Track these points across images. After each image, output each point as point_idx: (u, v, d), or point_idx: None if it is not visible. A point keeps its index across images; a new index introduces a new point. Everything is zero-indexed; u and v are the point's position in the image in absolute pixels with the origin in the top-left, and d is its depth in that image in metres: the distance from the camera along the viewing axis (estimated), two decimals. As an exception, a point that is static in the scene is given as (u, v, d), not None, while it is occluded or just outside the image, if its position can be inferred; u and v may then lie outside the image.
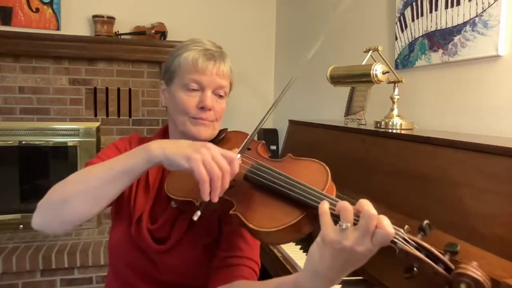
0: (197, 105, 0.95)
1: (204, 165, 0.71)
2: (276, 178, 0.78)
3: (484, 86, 1.40)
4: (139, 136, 1.10)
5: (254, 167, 0.84)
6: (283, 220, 0.71)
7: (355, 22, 2.23)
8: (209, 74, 0.95)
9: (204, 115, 0.96)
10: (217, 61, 0.97)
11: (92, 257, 2.42)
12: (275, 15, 3.42)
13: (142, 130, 3.03)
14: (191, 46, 0.98)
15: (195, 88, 0.96)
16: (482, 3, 1.35)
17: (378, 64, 1.40)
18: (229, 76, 1.01)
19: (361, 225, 0.60)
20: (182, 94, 0.96)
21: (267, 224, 0.72)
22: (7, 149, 2.74)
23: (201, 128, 0.96)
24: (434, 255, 0.60)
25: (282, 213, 0.73)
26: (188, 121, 0.96)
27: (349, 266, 0.63)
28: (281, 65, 3.33)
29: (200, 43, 0.99)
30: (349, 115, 1.73)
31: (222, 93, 0.99)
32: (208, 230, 0.96)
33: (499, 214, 0.87)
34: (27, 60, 2.77)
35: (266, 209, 0.76)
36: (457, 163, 1.01)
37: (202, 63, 0.95)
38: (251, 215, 0.75)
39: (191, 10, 3.17)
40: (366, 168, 1.35)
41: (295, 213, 0.72)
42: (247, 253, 0.92)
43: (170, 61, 1.01)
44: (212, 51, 0.98)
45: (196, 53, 0.96)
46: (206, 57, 0.96)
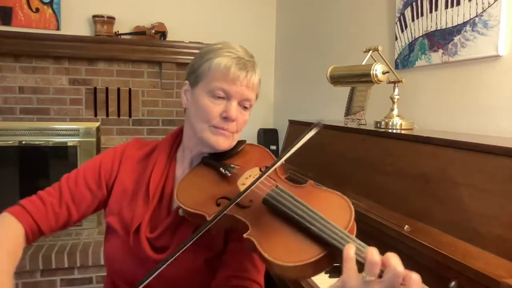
0: (221, 114, 0.91)
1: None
2: (297, 208, 0.73)
3: (484, 86, 1.40)
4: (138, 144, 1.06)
5: (275, 191, 0.78)
6: (302, 256, 0.66)
7: (355, 22, 2.23)
8: (239, 84, 0.91)
9: (226, 125, 0.91)
10: (249, 72, 0.92)
11: (92, 257, 2.42)
12: (275, 15, 3.42)
13: (142, 130, 3.03)
14: (224, 52, 0.92)
15: (221, 96, 0.91)
16: (482, 3, 1.35)
17: (378, 64, 1.40)
18: (258, 88, 0.97)
19: (387, 281, 0.58)
20: (207, 101, 0.91)
21: (284, 258, 0.66)
22: (7, 149, 2.74)
23: (220, 138, 0.92)
24: None
25: (300, 248, 0.68)
26: (208, 129, 0.92)
27: None
28: (281, 65, 3.33)
29: (233, 49, 0.94)
30: (349, 115, 1.73)
31: (247, 105, 0.95)
32: (212, 244, 0.93)
33: (499, 214, 0.87)
34: (27, 60, 2.77)
35: (284, 240, 0.70)
36: (457, 163, 1.01)
37: (234, 72, 0.90)
38: (267, 244, 0.70)
39: (191, 10, 3.18)
40: (366, 168, 1.35)
41: (315, 250, 0.66)
42: (252, 275, 0.89)
43: (198, 63, 0.95)
44: (245, 60, 0.93)
45: (229, 60, 0.91)
46: (239, 66, 0.91)
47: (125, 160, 1.01)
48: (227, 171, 0.91)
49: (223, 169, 0.92)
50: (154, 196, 0.95)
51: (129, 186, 0.98)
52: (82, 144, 2.83)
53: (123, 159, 1.01)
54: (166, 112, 3.07)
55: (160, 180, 0.97)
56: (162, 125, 3.07)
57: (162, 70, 2.99)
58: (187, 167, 1.00)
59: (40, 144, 2.79)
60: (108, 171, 0.99)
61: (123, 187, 0.98)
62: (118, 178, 0.99)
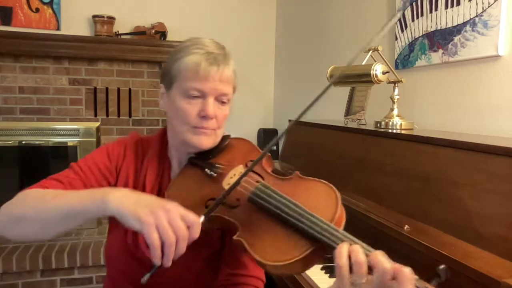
0: (199, 114, 0.90)
1: (157, 229, 0.66)
2: (283, 205, 0.73)
3: (484, 86, 1.40)
4: (137, 137, 1.05)
5: (259, 189, 0.79)
6: (291, 254, 0.67)
7: (355, 22, 2.23)
8: (211, 80, 0.89)
9: (206, 124, 0.90)
10: (221, 65, 0.90)
11: (92, 257, 2.42)
12: (275, 15, 3.42)
13: (142, 130, 3.03)
14: (192, 49, 0.91)
15: (196, 95, 0.89)
16: (482, 3, 1.35)
17: (378, 64, 1.40)
18: (233, 80, 0.94)
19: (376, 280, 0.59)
20: (183, 102, 0.90)
21: (274, 257, 0.68)
22: (7, 149, 2.74)
23: (202, 137, 0.91)
24: None
25: (288, 245, 0.69)
26: (188, 131, 0.91)
27: None
28: (281, 65, 3.33)
29: (202, 45, 0.92)
30: (349, 115, 1.73)
31: (225, 99, 0.92)
32: (209, 242, 0.93)
33: (499, 214, 0.87)
34: (27, 60, 2.77)
35: (272, 239, 0.71)
36: (457, 163, 1.01)
37: (204, 68, 0.88)
38: (257, 245, 0.71)
39: (191, 10, 3.18)
40: (366, 168, 1.35)
41: (303, 246, 0.68)
42: (252, 271, 0.90)
43: (169, 64, 0.94)
44: (215, 54, 0.90)
45: (198, 57, 0.89)
46: (209, 61, 0.89)
47: (128, 151, 1.00)
48: (212, 172, 0.91)
49: (209, 169, 0.92)
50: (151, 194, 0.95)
51: (131, 177, 0.98)
52: (82, 144, 2.83)
53: (126, 150, 1.00)
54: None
55: (155, 181, 0.97)
56: (162, 125, 3.07)
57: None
58: (176, 167, 1.00)
59: (40, 144, 2.79)
60: (115, 158, 0.99)
61: (126, 176, 0.98)
62: (123, 166, 0.98)
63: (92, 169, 0.95)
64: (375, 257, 0.60)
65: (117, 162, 0.98)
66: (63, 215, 0.77)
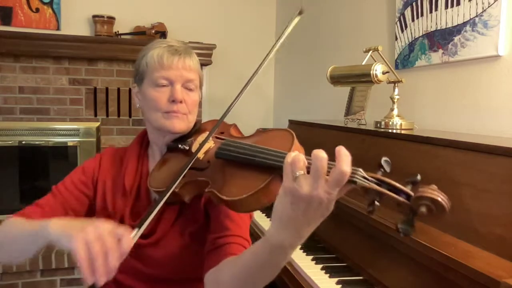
0: (168, 99, 0.97)
1: (85, 244, 0.67)
2: (241, 149, 0.81)
3: (484, 86, 1.40)
4: (112, 150, 1.13)
5: (223, 143, 0.87)
6: (253, 186, 0.73)
7: (355, 22, 2.23)
8: (175, 68, 0.97)
9: (176, 107, 0.97)
10: (182, 55, 0.98)
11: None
12: (275, 15, 3.42)
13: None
14: (155, 44, 1.00)
15: (164, 84, 0.97)
16: (482, 3, 1.35)
17: (378, 64, 1.40)
18: (197, 69, 1.02)
19: (312, 169, 0.60)
20: (153, 91, 0.98)
21: (239, 193, 0.74)
22: (7, 149, 2.74)
23: (174, 121, 0.97)
24: (394, 187, 0.62)
25: (251, 179, 0.75)
26: (161, 116, 0.98)
27: (312, 213, 0.62)
28: (281, 65, 3.33)
29: (165, 42, 1.01)
30: (349, 115, 1.73)
31: (192, 86, 1.00)
32: (194, 218, 0.98)
33: (499, 214, 0.87)
34: (27, 60, 2.76)
35: (237, 180, 0.79)
36: (457, 163, 1.02)
37: (167, 58, 0.97)
38: (224, 189, 0.78)
39: (191, 10, 3.17)
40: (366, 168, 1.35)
41: (264, 176, 0.74)
42: (234, 231, 0.93)
43: (138, 63, 1.03)
44: (176, 46, 0.99)
45: (160, 50, 0.98)
46: (171, 52, 0.97)
47: (103, 161, 1.09)
48: (184, 146, 1.00)
49: (181, 145, 1.00)
50: (131, 191, 1.02)
51: (109, 184, 1.05)
52: (82, 144, 2.83)
53: (102, 161, 1.09)
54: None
55: (134, 177, 1.04)
56: (162, 125, 3.07)
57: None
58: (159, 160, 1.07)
59: (40, 144, 2.79)
60: (90, 171, 1.07)
61: (104, 186, 1.05)
62: (99, 176, 1.07)
63: (70, 189, 1.04)
64: (314, 151, 0.62)
65: (92, 176, 1.06)
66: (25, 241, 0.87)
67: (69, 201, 1.02)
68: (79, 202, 1.04)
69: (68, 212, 1.01)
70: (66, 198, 1.02)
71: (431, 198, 0.58)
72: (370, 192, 0.62)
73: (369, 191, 0.62)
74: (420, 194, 0.59)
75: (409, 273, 1.02)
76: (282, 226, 0.64)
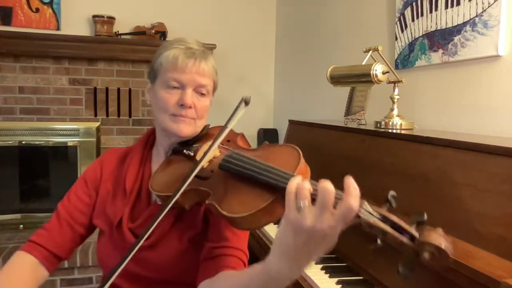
0: (177, 102, 0.96)
1: None
2: (246, 164, 0.79)
3: (484, 86, 1.40)
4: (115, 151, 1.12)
5: (227, 155, 0.85)
6: (254, 204, 0.72)
7: (355, 22, 2.23)
8: (188, 72, 0.95)
9: (184, 112, 0.96)
10: (198, 59, 0.96)
11: (92, 257, 2.42)
12: (275, 15, 3.42)
13: (142, 130, 3.03)
14: (173, 45, 0.98)
15: (175, 86, 0.96)
16: (482, 3, 1.35)
17: (378, 64, 1.40)
18: (212, 74, 1.00)
19: (318, 202, 0.58)
20: (163, 92, 0.97)
21: (239, 210, 0.73)
22: (7, 149, 2.74)
23: (181, 125, 0.96)
24: (398, 226, 0.59)
25: (253, 197, 0.74)
26: (168, 118, 0.97)
27: (314, 246, 0.60)
28: (281, 65, 3.33)
29: (183, 42, 0.99)
30: (349, 115, 1.73)
31: (203, 91, 0.98)
32: (193, 223, 0.97)
33: (499, 214, 0.87)
34: (27, 60, 2.76)
35: (239, 196, 0.77)
36: (457, 163, 1.02)
37: (182, 61, 0.95)
38: (225, 203, 0.76)
39: (191, 10, 3.17)
40: (366, 168, 1.35)
41: (266, 196, 0.72)
42: (233, 243, 0.92)
43: (154, 60, 1.02)
44: (194, 49, 0.97)
45: (177, 51, 0.96)
46: (186, 55, 0.95)
47: (104, 168, 1.08)
48: (189, 152, 0.98)
49: (186, 150, 0.98)
50: (132, 192, 1.01)
51: (110, 188, 1.05)
52: (82, 144, 2.83)
53: (103, 168, 1.08)
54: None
55: (136, 177, 1.03)
56: (162, 125, 3.07)
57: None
58: None
59: (40, 144, 2.79)
60: (92, 180, 1.06)
61: (106, 190, 1.05)
62: (101, 184, 1.06)
63: (74, 203, 1.04)
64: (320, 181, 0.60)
65: (94, 185, 1.06)
66: None
67: (74, 216, 1.03)
68: (84, 215, 1.04)
69: (75, 228, 1.02)
70: (71, 214, 1.02)
71: (436, 246, 0.55)
72: (373, 228, 0.59)
73: (372, 227, 0.59)
74: (426, 240, 0.56)
75: (409, 273, 1.02)
76: (284, 257, 0.63)
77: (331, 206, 0.58)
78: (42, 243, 0.98)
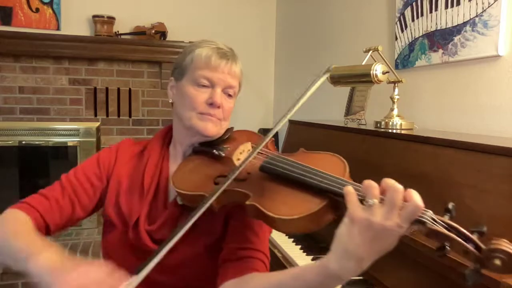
0: (206, 101, 0.94)
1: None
2: (293, 167, 0.77)
3: (484, 86, 1.40)
4: (130, 142, 1.08)
5: (270, 157, 0.83)
6: (305, 208, 0.69)
7: (355, 22, 2.23)
8: (220, 72, 0.95)
9: (213, 111, 0.95)
10: (230, 60, 0.96)
11: (92, 257, 2.42)
12: (275, 15, 3.42)
13: (142, 130, 3.03)
14: (204, 44, 0.98)
15: (205, 84, 0.95)
16: (482, 3, 1.35)
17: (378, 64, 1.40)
18: (240, 77, 1.00)
19: (388, 200, 0.60)
20: (192, 89, 0.95)
21: (288, 212, 0.70)
22: (7, 149, 2.74)
23: (208, 124, 0.95)
24: (464, 234, 0.60)
25: (302, 201, 0.71)
26: (195, 116, 0.95)
27: (378, 244, 0.61)
28: (281, 65, 3.33)
29: (213, 42, 0.99)
30: (349, 115, 1.73)
31: (231, 92, 0.98)
32: (211, 229, 0.95)
33: (499, 214, 0.87)
34: (27, 60, 2.77)
35: (285, 198, 0.74)
36: (457, 163, 1.01)
37: (215, 60, 0.94)
38: (270, 204, 0.73)
39: (191, 10, 3.18)
40: (366, 168, 1.35)
41: (317, 200, 0.70)
42: (258, 246, 0.91)
43: (182, 57, 1.00)
44: (225, 50, 0.98)
45: (210, 50, 0.96)
46: (219, 55, 0.95)
47: (120, 154, 1.04)
48: (220, 152, 0.96)
49: (216, 150, 0.96)
50: (149, 191, 0.97)
51: (124, 179, 1.01)
52: (82, 144, 2.83)
53: (118, 154, 1.04)
54: (166, 112, 3.07)
55: (154, 175, 0.99)
56: (162, 125, 3.07)
57: (162, 70, 2.99)
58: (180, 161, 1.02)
59: (40, 144, 2.79)
60: (106, 164, 1.02)
61: (118, 179, 1.01)
62: (114, 170, 1.02)
63: (81, 181, 0.99)
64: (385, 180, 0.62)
65: (108, 169, 1.02)
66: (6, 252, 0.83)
67: (79, 195, 0.98)
68: (89, 197, 0.99)
69: (75, 208, 0.97)
70: (76, 192, 0.98)
71: (509, 252, 0.56)
72: (438, 236, 0.60)
73: (438, 234, 0.60)
74: (497, 247, 0.57)
75: (410, 273, 1.02)
76: (347, 255, 0.63)
77: (400, 203, 0.60)
78: (41, 211, 0.92)
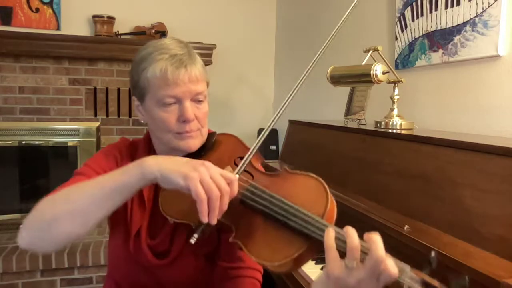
0: (178, 119, 0.88)
1: (202, 184, 0.68)
2: (273, 205, 0.74)
3: (484, 86, 1.40)
4: (127, 141, 1.05)
5: (249, 191, 0.79)
6: (286, 253, 0.69)
7: (355, 22, 2.22)
8: (182, 84, 0.86)
9: (188, 127, 0.89)
10: (188, 66, 0.87)
11: (92, 257, 2.42)
12: (275, 15, 3.42)
13: (142, 130, 3.02)
14: (156, 56, 0.88)
15: (171, 102, 0.87)
16: (482, 3, 1.35)
17: (378, 64, 1.40)
18: (204, 76, 0.91)
19: (368, 267, 0.59)
20: (159, 112, 0.88)
21: (270, 257, 0.70)
22: (7, 149, 2.74)
23: (189, 141, 0.90)
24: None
25: (283, 244, 0.71)
26: (173, 137, 0.90)
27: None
28: (281, 65, 3.33)
29: (165, 49, 0.89)
30: (349, 115, 1.73)
31: (201, 97, 0.91)
32: (208, 240, 0.92)
33: (499, 214, 0.87)
34: (27, 60, 2.76)
35: (266, 239, 0.73)
36: (457, 163, 1.01)
37: (172, 73, 0.85)
38: (252, 246, 0.73)
39: (191, 10, 3.17)
40: (366, 168, 1.35)
41: (297, 244, 0.69)
42: (248, 263, 0.91)
43: (136, 76, 0.91)
44: (179, 55, 0.87)
45: (163, 63, 0.86)
46: (175, 66, 0.86)
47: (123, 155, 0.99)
48: None
49: None
50: (149, 200, 0.95)
51: None
52: (82, 144, 2.83)
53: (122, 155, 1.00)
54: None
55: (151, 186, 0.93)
56: (162, 125, 3.06)
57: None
58: None
59: (40, 144, 2.79)
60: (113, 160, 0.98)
61: None
62: None
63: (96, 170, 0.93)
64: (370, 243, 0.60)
65: (116, 162, 0.97)
66: (101, 197, 0.74)
67: None
68: None
69: None
70: None
71: None
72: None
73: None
74: None
75: (409, 273, 1.02)
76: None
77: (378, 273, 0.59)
78: None
